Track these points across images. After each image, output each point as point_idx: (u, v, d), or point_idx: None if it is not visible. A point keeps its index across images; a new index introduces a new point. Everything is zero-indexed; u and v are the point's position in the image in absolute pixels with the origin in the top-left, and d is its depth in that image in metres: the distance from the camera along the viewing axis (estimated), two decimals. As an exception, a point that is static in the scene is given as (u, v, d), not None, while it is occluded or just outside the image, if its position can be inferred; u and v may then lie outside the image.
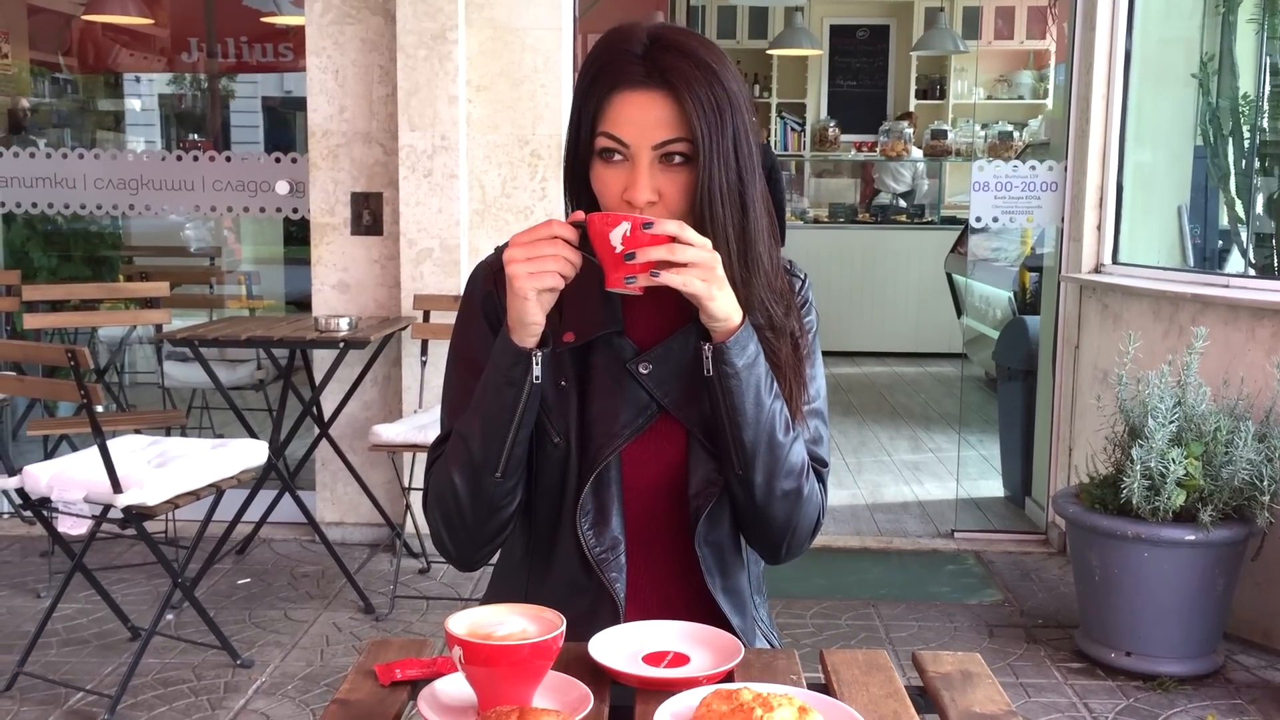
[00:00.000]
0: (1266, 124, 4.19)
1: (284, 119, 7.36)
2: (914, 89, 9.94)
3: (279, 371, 4.43)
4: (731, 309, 1.38)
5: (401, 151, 4.22)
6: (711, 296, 1.35)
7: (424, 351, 4.21)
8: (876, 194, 9.52)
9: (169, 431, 4.25)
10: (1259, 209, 4.24)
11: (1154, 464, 3.26)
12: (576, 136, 1.43)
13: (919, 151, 9.32)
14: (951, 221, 8.76)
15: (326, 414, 4.26)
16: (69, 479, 3.12)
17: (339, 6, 4.29)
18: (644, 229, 1.30)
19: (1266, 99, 4.20)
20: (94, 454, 3.11)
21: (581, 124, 1.42)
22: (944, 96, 9.95)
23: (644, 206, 1.39)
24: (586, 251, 1.34)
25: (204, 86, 6.89)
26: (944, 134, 9.31)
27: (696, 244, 1.33)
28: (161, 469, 3.22)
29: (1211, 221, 4.51)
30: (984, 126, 9.10)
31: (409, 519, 4.25)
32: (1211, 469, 3.28)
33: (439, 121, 4.19)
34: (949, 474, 5.50)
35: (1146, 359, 3.65)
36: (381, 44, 4.29)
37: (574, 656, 1.29)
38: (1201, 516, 3.24)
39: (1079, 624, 3.64)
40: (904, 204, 9.31)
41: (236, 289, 6.35)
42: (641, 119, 1.38)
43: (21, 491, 3.17)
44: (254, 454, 3.46)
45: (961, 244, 7.27)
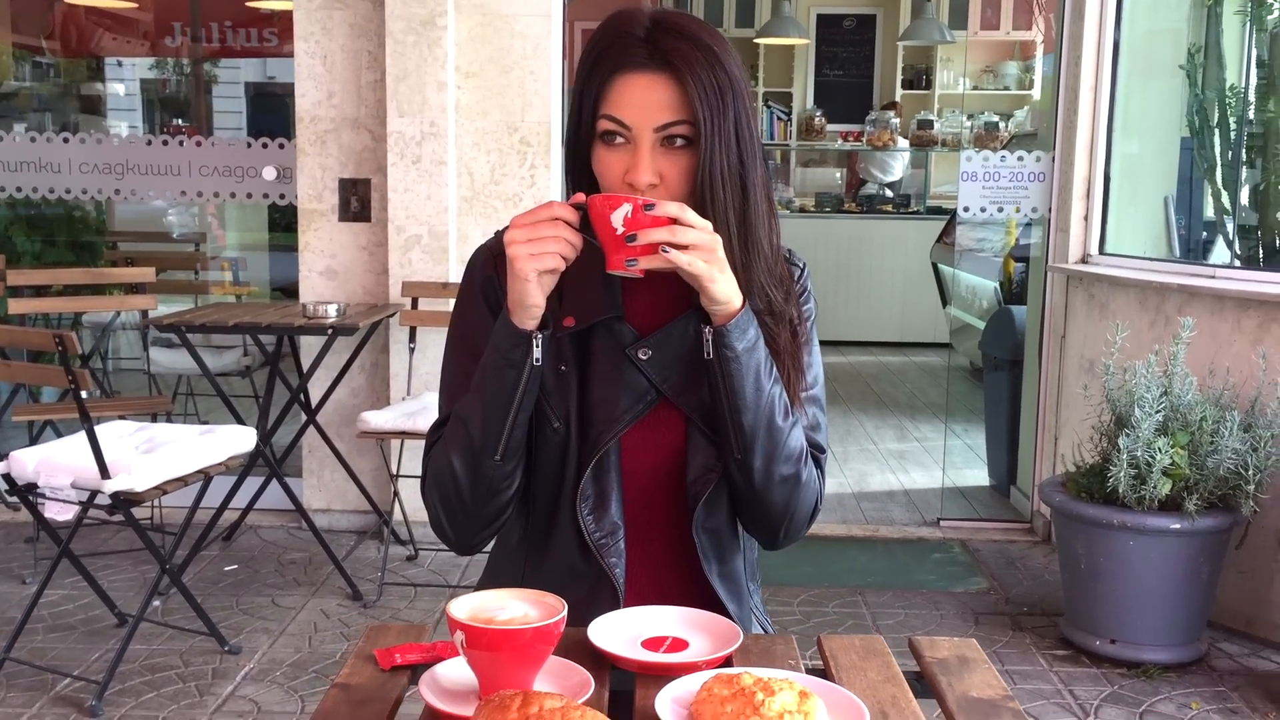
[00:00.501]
0: (1253, 115, 4.20)
1: (268, 105, 7.31)
2: (900, 79, 9.94)
3: (266, 358, 4.42)
4: (732, 292, 1.39)
5: (390, 138, 4.20)
6: (713, 278, 1.35)
7: (412, 339, 4.20)
8: (863, 184, 9.52)
9: (155, 418, 4.23)
10: (1245, 200, 4.26)
11: (1140, 453, 3.28)
12: (578, 119, 1.43)
13: (905, 141, 9.33)
14: (938, 211, 8.77)
15: (314, 401, 4.25)
16: (56, 464, 3.10)
17: (327, -9, 4.27)
18: (645, 210, 1.30)
19: (1253, 90, 4.22)
20: (81, 439, 3.09)
21: (583, 107, 1.41)
22: (930, 86, 9.94)
23: (646, 189, 1.38)
24: (587, 233, 1.34)
25: (187, 71, 6.84)
26: (930, 124, 9.31)
27: (698, 226, 1.33)
28: (149, 455, 3.20)
29: (1196, 212, 4.53)
30: (970, 117, 9.11)
31: (396, 506, 4.24)
32: (1197, 458, 3.30)
33: (428, 108, 4.18)
34: (934, 463, 5.52)
35: (1133, 349, 3.67)
36: (370, 29, 4.27)
37: (573, 642, 1.29)
38: (1187, 505, 3.26)
39: (1064, 612, 3.66)
40: (890, 194, 9.31)
41: (221, 275, 6.31)
42: (643, 101, 1.37)
43: (8, 477, 3.15)
44: (242, 440, 3.44)
45: (947, 234, 7.28)
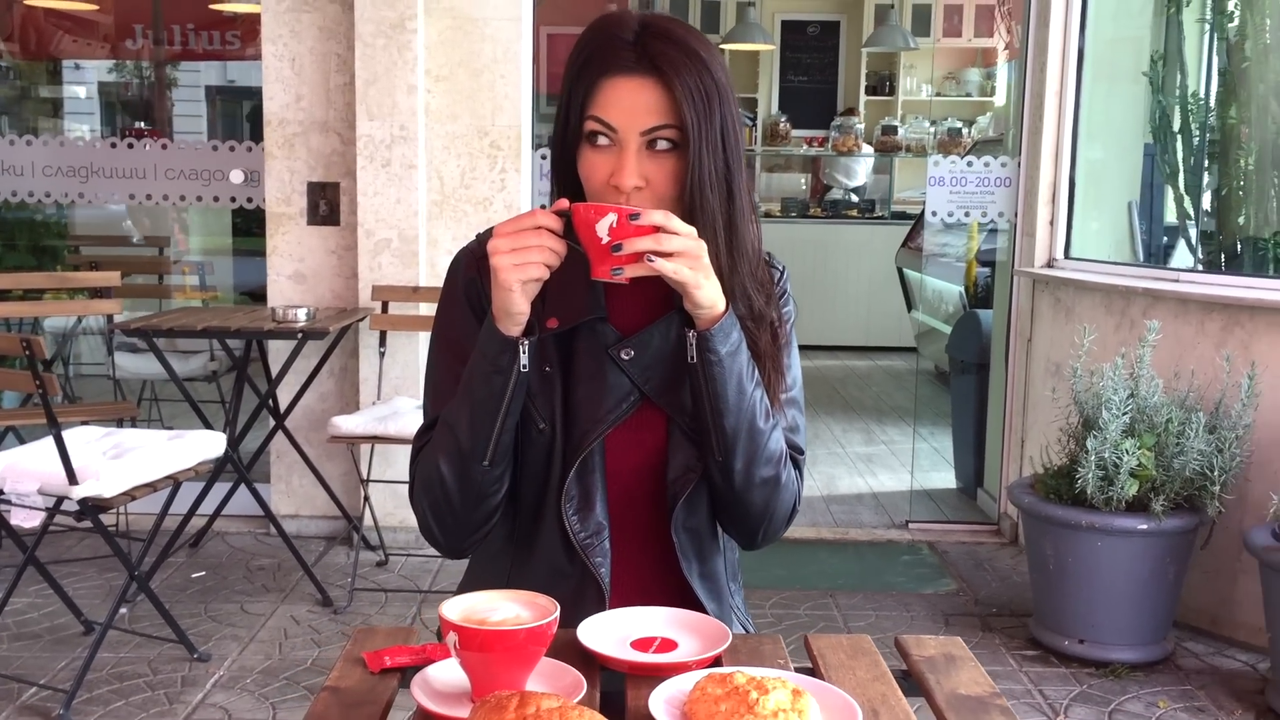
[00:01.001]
0: (1215, 121, 4.27)
1: (229, 108, 7.25)
2: (864, 85, 10.01)
3: (233, 363, 4.38)
4: (716, 297, 1.39)
5: (359, 141, 4.18)
6: (698, 284, 1.36)
7: (382, 343, 4.17)
8: (828, 189, 9.57)
9: (121, 423, 4.18)
10: (1206, 205, 4.33)
11: (1108, 454, 3.32)
12: (565, 121, 1.43)
13: (869, 147, 9.39)
14: (902, 216, 8.83)
15: (282, 406, 4.22)
16: (22, 470, 3.06)
17: (296, -7, 4.25)
18: (630, 220, 1.29)
19: (1214, 98, 4.28)
20: (48, 445, 3.06)
21: (570, 109, 1.42)
22: (893, 93, 10.02)
23: (630, 192, 1.39)
24: (571, 239, 1.34)
25: (147, 74, 6.77)
26: (894, 130, 9.38)
27: (683, 233, 1.33)
28: (117, 460, 3.16)
29: (1158, 217, 4.59)
30: (933, 123, 9.18)
31: (367, 511, 4.22)
32: (1163, 459, 3.35)
33: (398, 111, 4.16)
34: (902, 466, 5.56)
35: (1099, 352, 3.71)
36: (339, 32, 4.25)
37: (562, 643, 1.28)
38: (1154, 506, 3.31)
39: (1033, 612, 3.69)
40: (855, 199, 9.37)
41: (184, 280, 6.25)
42: (631, 104, 1.38)
43: (-28, 484, 3.11)
44: (211, 445, 3.41)
45: (912, 239, 7.34)
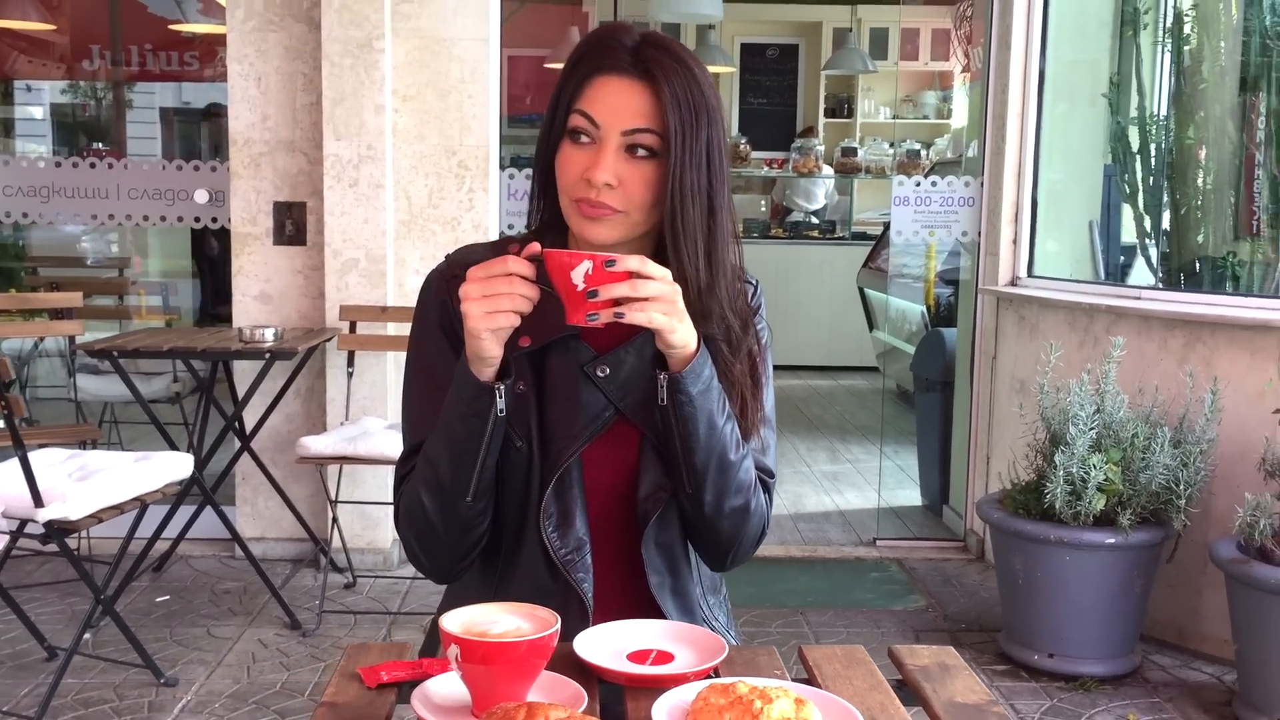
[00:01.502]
0: (1172, 142, 4.35)
1: (186, 129, 7.20)
2: (823, 107, 10.11)
3: (198, 384, 4.33)
4: (689, 337, 1.39)
5: (326, 161, 4.16)
6: (673, 329, 1.35)
7: (350, 363, 4.15)
8: (788, 211, 9.64)
9: (84, 445, 4.12)
10: (1165, 224, 4.40)
11: (1075, 469, 3.36)
12: (552, 118, 1.44)
13: (830, 169, 9.47)
14: (862, 237, 8.92)
15: (248, 427, 4.18)
16: (-14, 493, 3.01)
17: (262, 13, 4.23)
18: (606, 266, 1.28)
19: (1172, 119, 4.37)
20: (12, 467, 3.00)
21: (559, 104, 1.43)
22: (852, 115, 10.13)
23: (600, 188, 1.39)
24: (543, 284, 1.31)
25: (100, 95, 6.70)
26: (854, 151, 9.47)
27: (657, 277, 1.32)
28: (84, 483, 3.12)
29: (1116, 236, 4.66)
30: (892, 145, 9.27)
31: (334, 533, 4.18)
32: (1130, 474, 3.39)
33: (365, 131, 4.15)
34: (867, 484, 5.59)
35: (1063, 368, 3.75)
36: (306, 52, 4.23)
37: (558, 656, 1.28)
38: (1121, 520, 3.35)
39: (1002, 627, 3.72)
40: (816, 220, 9.45)
41: (146, 301, 6.18)
42: (617, 104, 1.40)
43: (-66, 507, 3.05)
44: (179, 467, 3.38)
45: (873, 259, 7.40)
